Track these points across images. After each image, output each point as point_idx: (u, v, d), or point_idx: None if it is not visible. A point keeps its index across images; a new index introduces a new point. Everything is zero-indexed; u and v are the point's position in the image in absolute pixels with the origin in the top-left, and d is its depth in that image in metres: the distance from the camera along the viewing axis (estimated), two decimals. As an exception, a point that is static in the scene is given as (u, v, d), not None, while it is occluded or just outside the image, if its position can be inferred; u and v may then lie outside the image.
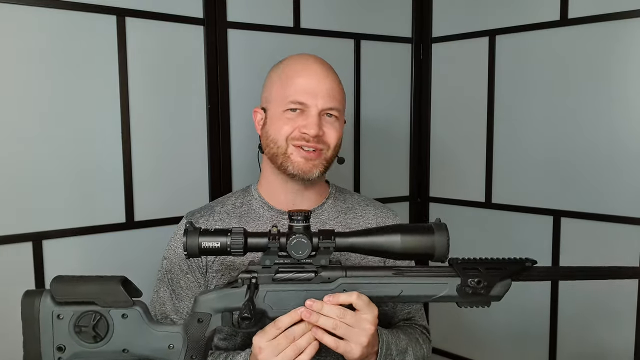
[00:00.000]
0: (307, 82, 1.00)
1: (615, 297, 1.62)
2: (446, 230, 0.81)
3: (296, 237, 0.80)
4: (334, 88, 1.02)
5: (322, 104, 1.00)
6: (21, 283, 1.36)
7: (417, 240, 0.81)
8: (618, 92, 1.58)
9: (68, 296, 0.79)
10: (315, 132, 0.98)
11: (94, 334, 0.78)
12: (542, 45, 1.71)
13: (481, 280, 0.83)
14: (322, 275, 0.82)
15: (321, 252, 0.82)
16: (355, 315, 0.80)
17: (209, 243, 0.80)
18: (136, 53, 1.47)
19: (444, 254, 0.81)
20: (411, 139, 2.04)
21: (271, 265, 0.82)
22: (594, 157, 1.63)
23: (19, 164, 1.34)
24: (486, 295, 0.83)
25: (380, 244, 0.81)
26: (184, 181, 1.59)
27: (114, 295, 0.79)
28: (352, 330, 0.80)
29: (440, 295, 0.83)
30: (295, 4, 1.72)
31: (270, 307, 0.81)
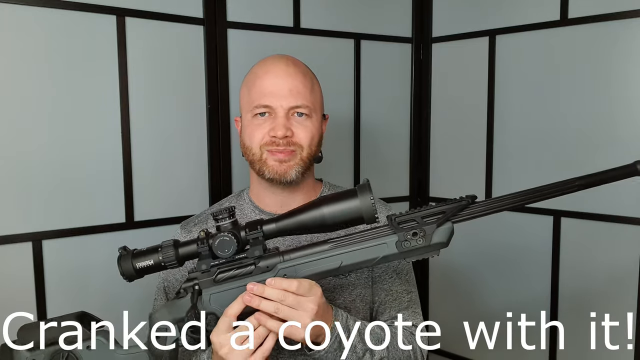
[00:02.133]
0: (269, 84, 0.98)
1: (616, 296, 1.62)
2: (368, 190, 0.80)
3: (219, 236, 0.80)
4: (298, 85, 0.99)
5: (286, 104, 0.97)
6: (21, 283, 1.36)
7: (342, 207, 0.80)
8: (618, 92, 1.58)
9: (35, 342, 0.84)
10: (282, 134, 0.96)
11: None
12: (542, 45, 1.71)
13: (417, 232, 0.81)
14: (260, 266, 0.82)
15: (253, 243, 0.81)
16: (297, 297, 0.79)
17: (143, 263, 0.81)
18: (136, 53, 1.47)
19: (371, 216, 0.80)
20: (411, 139, 2.04)
21: (209, 269, 0.82)
22: (594, 156, 1.63)
23: (19, 164, 1.34)
24: (428, 245, 0.81)
25: (307, 221, 0.81)
26: (184, 181, 1.59)
27: (74, 332, 0.82)
28: (294, 312, 0.79)
29: (382, 257, 0.82)
30: (295, 4, 1.72)
31: (219, 309, 0.81)
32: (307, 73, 1.04)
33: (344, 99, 1.87)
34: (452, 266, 2.00)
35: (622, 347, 1.60)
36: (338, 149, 1.86)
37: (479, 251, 1.89)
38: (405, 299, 1.07)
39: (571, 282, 1.72)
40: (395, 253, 0.82)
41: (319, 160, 1.06)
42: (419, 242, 0.81)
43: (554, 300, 1.75)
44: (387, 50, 1.93)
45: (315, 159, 1.04)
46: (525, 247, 1.78)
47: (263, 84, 0.99)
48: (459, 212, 0.83)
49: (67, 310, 1.43)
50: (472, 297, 1.97)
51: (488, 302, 1.92)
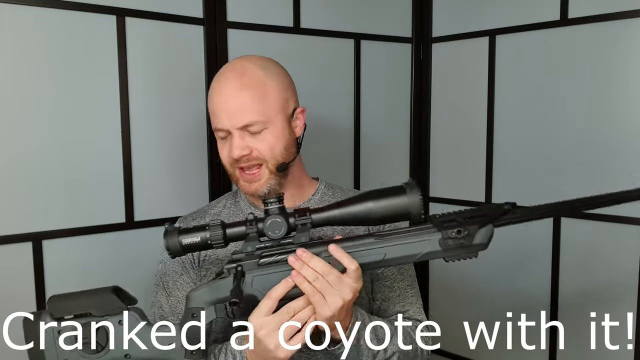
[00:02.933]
0: (216, 105, 0.98)
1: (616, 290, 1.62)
2: (418, 189, 0.81)
3: (270, 218, 0.81)
4: (244, 102, 0.96)
5: (236, 123, 0.96)
6: (21, 283, 1.36)
7: (391, 203, 0.81)
8: (618, 92, 1.58)
9: (65, 312, 0.82)
10: (238, 154, 0.97)
11: (95, 344, 0.81)
12: (542, 45, 1.71)
13: (461, 230, 0.83)
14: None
15: (300, 230, 0.83)
16: (340, 277, 0.81)
17: (190, 239, 0.82)
18: (136, 53, 1.47)
19: (419, 213, 0.81)
20: (411, 139, 2.04)
21: (254, 252, 0.83)
22: (594, 156, 1.63)
23: (19, 164, 1.34)
24: (470, 245, 0.83)
25: (356, 213, 0.82)
26: (184, 181, 1.59)
27: (108, 304, 0.82)
28: (331, 289, 0.80)
29: (424, 253, 0.83)
30: (295, 4, 1.72)
31: (260, 292, 0.82)
32: (254, 82, 0.98)
33: (344, 99, 1.87)
34: (452, 266, 2.00)
35: (622, 347, 1.60)
36: (338, 149, 1.86)
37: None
38: (409, 294, 1.09)
39: (571, 282, 1.72)
40: (438, 250, 0.83)
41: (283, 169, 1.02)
42: (462, 241, 0.83)
43: (554, 300, 1.75)
44: (387, 50, 1.93)
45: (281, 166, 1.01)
46: (525, 247, 1.78)
47: (214, 105, 0.99)
48: (500, 216, 0.85)
49: (67, 310, 1.43)
50: (472, 297, 1.97)
51: (488, 302, 1.92)
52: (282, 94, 1.02)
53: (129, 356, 0.82)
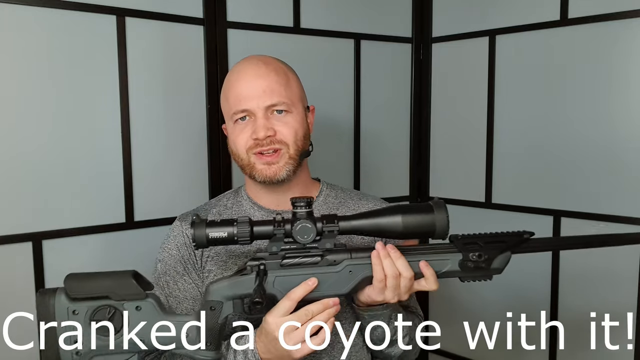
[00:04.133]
0: (243, 88, 0.99)
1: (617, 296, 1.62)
2: (445, 208, 0.84)
3: (301, 222, 0.82)
4: (271, 84, 0.99)
5: (262, 104, 0.98)
6: (21, 283, 1.36)
7: (418, 219, 0.83)
8: (618, 92, 1.58)
9: (82, 292, 0.80)
10: (264, 134, 0.97)
11: (110, 327, 0.80)
12: (542, 45, 1.71)
13: (482, 254, 0.85)
14: (327, 259, 0.85)
15: (326, 236, 0.84)
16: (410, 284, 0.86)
17: (217, 233, 0.82)
18: (136, 53, 1.47)
19: (444, 231, 0.84)
20: (411, 139, 2.04)
21: (278, 252, 0.84)
22: (594, 157, 1.63)
23: (19, 164, 1.34)
24: (488, 269, 0.86)
25: (383, 225, 0.84)
26: (184, 181, 1.59)
27: (127, 288, 0.81)
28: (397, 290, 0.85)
29: (443, 271, 0.86)
30: (295, 4, 1.72)
31: (280, 292, 0.83)
32: (280, 69, 1.03)
33: (344, 99, 1.87)
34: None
35: (622, 347, 1.60)
36: (338, 149, 1.86)
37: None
38: None
39: (571, 282, 1.72)
40: (456, 270, 0.87)
41: (308, 154, 1.06)
42: (481, 265, 0.86)
43: (554, 300, 1.75)
44: (387, 50, 1.93)
45: (303, 153, 1.03)
46: (525, 247, 1.78)
47: (237, 90, 1.00)
48: (519, 245, 0.88)
49: (67, 310, 1.43)
50: (472, 297, 1.97)
51: (488, 302, 1.92)
52: (300, 87, 1.07)
53: (144, 341, 0.81)
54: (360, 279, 0.85)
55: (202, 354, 0.82)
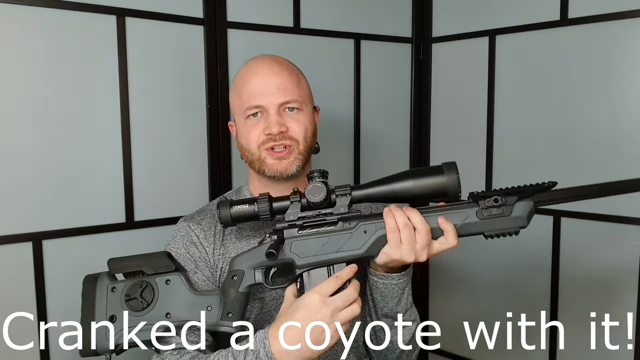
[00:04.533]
0: (256, 84, 1.02)
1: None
2: (456, 169, 0.86)
3: (311, 183, 0.88)
4: (285, 82, 1.03)
5: (276, 100, 1.01)
6: (21, 283, 1.36)
7: (430, 181, 0.86)
8: (618, 92, 1.58)
9: (120, 267, 0.91)
10: (277, 130, 1.00)
11: (141, 301, 0.87)
12: (542, 45, 1.71)
13: (498, 198, 0.85)
14: (343, 224, 0.88)
15: (339, 201, 0.88)
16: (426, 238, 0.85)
17: (240, 211, 0.89)
18: (136, 53, 1.47)
19: (455, 192, 0.86)
20: (411, 139, 2.04)
21: (295, 220, 0.89)
22: (594, 156, 1.63)
23: (19, 164, 1.34)
24: (508, 216, 0.85)
25: (395, 190, 0.87)
26: (184, 181, 1.59)
27: (158, 262, 0.89)
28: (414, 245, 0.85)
29: (462, 224, 0.86)
30: (295, 4, 1.72)
31: (297, 256, 0.87)
32: (292, 69, 1.07)
33: (344, 99, 1.87)
34: (452, 266, 2.00)
35: (622, 347, 1.60)
36: (338, 149, 1.86)
37: (479, 251, 1.89)
38: None
39: (571, 282, 1.71)
40: (476, 221, 0.86)
41: (317, 151, 1.10)
42: (500, 211, 0.85)
43: (554, 300, 1.75)
44: (387, 50, 1.93)
45: (312, 150, 1.08)
46: (525, 247, 1.78)
47: (251, 86, 1.03)
48: (539, 192, 0.87)
49: (67, 310, 1.44)
50: (472, 297, 1.97)
51: (488, 302, 1.92)
52: (309, 87, 1.11)
53: (169, 315, 0.86)
54: (375, 237, 0.87)
55: (224, 324, 0.86)
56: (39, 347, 1.38)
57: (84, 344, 0.87)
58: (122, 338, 0.86)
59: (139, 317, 0.86)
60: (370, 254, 0.88)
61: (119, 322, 0.86)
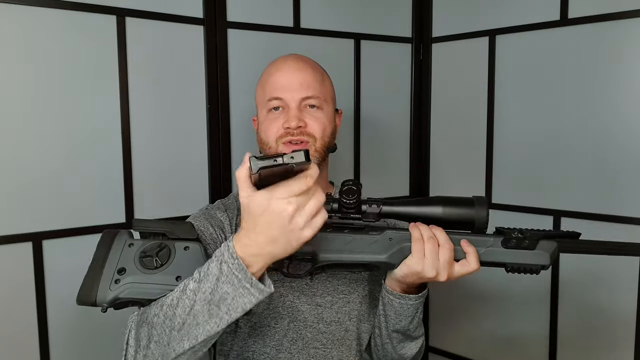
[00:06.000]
0: (280, 78, 1.05)
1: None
2: (486, 205, 0.87)
3: (347, 185, 0.88)
4: (308, 78, 1.05)
5: (298, 95, 1.03)
6: (21, 283, 1.36)
7: (459, 211, 0.87)
8: (618, 92, 1.58)
9: (143, 226, 0.89)
10: (295, 123, 1.01)
11: (155, 259, 0.84)
12: (542, 45, 1.71)
13: (524, 231, 0.87)
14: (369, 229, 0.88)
15: (369, 211, 0.88)
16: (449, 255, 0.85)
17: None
18: (136, 53, 1.47)
19: (483, 225, 0.87)
20: (411, 139, 2.04)
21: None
22: (594, 157, 1.63)
23: (19, 164, 1.34)
24: (532, 249, 0.86)
25: (424, 212, 0.87)
26: (184, 181, 1.59)
27: (182, 229, 0.88)
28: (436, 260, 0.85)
29: (485, 249, 0.86)
30: (295, 4, 1.72)
31: (319, 249, 0.87)
32: (317, 68, 1.10)
33: (344, 99, 1.86)
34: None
35: (622, 347, 1.61)
36: (338, 149, 1.86)
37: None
38: None
39: (571, 282, 1.71)
40: (500, 250, 0.87)
41: (334, 150, 1.11)
42: (524, 244, 0.86)
43: (553, 298, 1.75)
44: (387, 50, 1.93)
45: (329, 148, 1.09)
46: (525, 247, 1.78)
47: (275, 80, 1.05)
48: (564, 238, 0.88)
49: (67, 311, 1.44)
50: (472, 297, 1.96)
51: (488, 301, 1.92)
52: (333, 89, 1.13)
53: (180, 278, 0.83)
54: (399, 246, 0.87)
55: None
56: (39, 347, 1.38)
57: (84, 290, 0.84)
58: (125, 292, 0.83)
59: (148, 275, 0.84)
60: (392, 261, 0.88)
61: (127, 276, 0.83)
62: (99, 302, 0.83)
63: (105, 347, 1.47)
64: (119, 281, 0.83)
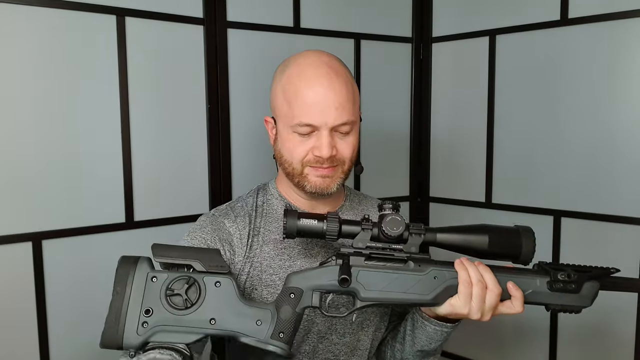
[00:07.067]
0: (313, 98, 0.91)
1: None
2: (533, 237, 0.84)
3: (391, 215, 0.82)
4: (343, 102, 0.92)
5: (332, 122, 0.91)
6: (21, 283, 1.36)
7: (504, 241, 0.84)
8: (618, 92, 1.58)
9: (167, 256, 0.78)
10: (328, 154, 0.92)
11: (185, 299, 0.76)
12: (542, 45, 1.71)
13: (571, 274, 0.84)
14: (412, 263, 0.84)
15: (412, 239, 0.84)
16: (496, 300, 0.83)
17: (307, 226, 0.82)
18: (136, 53, 1.47)
19: (528, 258, 0.84)
20: (411, 139, 2.04)
21: (363, 249, 0.84)
22: (594, 156, 1.63)
23: (19, 164, 1.34)
24: (577, 293, 0.84)
25: (469, 241, 0.84)
26: (184, 181, 1.59)
27: (212, 260, 0.78)
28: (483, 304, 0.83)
29: (530, 291, 0.85)
30: (295, 4, 1.72)
31: (363, 287, 0.82)
32: (349, 80, 0.97)
33: (344, 99, 1.86)
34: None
35: (622, 348, 1.61)
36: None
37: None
38: None
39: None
40: (545, 292, 0.85)
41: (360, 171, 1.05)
42: (570, 287, 0.84)
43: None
44: (387, 50, 1.93)
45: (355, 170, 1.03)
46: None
47: (306, 100, 0.91)
48: (606, 277, 0.86)
49: (67, 311, 1.44)
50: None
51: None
52: (358, 95, 1.02)
53: (214, 321, 0.76)
54: (444, 286, 0.83)
55: (274, 343, 0.77)
56: (39, 347, 1.38)
57: (109, 333, 0.74)
58: (157, 337, 0.74)
59: (179, 317, 0.75)
60: (437, 302, 0.84)
61: (155, 316, 0.74)
62: (126, 347, 0.74)
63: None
64: (147, 324, 0.74)
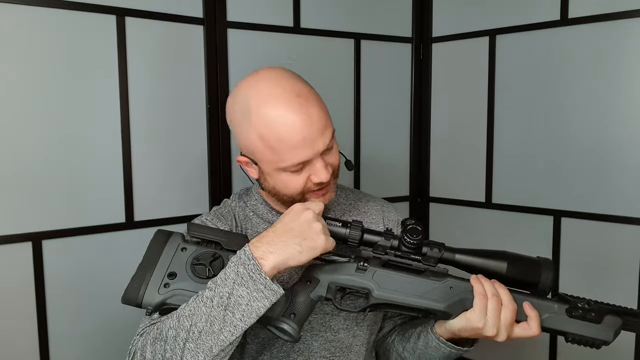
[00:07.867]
0: (297, 138, 0.86)
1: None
2: (552, 268, 0.84)
3: (411, 223, 0.85)
4: (321, 120, 0.88)
5: (322, 147, 0.88)
6: (21, 283, 1.36)
7: (524, 270, 0.84)
8: (618, 92, 1.58)
9: (199, 233, 0.85)
10: (328, 178, 0.90)
11: (208, 269, 0.82)
12: (542, 45, 1.71)
13: (591, 302, 0.83)
14: (429, 274, 0.85)
15: (429, 254, 0.86)
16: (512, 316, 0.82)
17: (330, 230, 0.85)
18: (136, 53, 1.47)
19: (547, 288, 0.84)
20: (411, 139, 2.04)
21: (382, 254, 0.86)
22: (594, 156, 1.63)
23: (19, 164, 1.34)
24: (598, 323, 0.82)
25: (488, 266, 0.85)
26: (184, 181, 1.59)
27: (237, 241, 0.84)
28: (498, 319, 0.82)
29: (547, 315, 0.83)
30: (295, 4, 1.72)
31: (377, 285, 0.84)
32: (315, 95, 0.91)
33: (344, 99, 1.87)
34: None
35: (622, 347, 1.60)
36: (339, 149, 1.86)
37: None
38: None
39: (571, 282, 1.71)
40: (564, 318, 0.83)
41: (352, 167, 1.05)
42: (590, 315, 0.82)
43: (554, 299, 1.75)
44: (387, 50, 1.93)
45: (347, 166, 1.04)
46: (525, 247, 1.77)
47: (292, 144, 0.86)
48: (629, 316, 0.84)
49: (67, 311, 1.44)
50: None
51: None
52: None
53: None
54: (459, 297, 0.83)
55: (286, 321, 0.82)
56: (39, 347, 1.38)
57: (131, 290, 0.79)
58: (174, 299, 0.79)
59: (199, 284, 0.80)
60: (450, 311, 0.84)
61: (177, 281, 0.80)
62: (145, 304, 0.79)
63: (105, 347, 1.47)
64: (168, 285, 0.80)
